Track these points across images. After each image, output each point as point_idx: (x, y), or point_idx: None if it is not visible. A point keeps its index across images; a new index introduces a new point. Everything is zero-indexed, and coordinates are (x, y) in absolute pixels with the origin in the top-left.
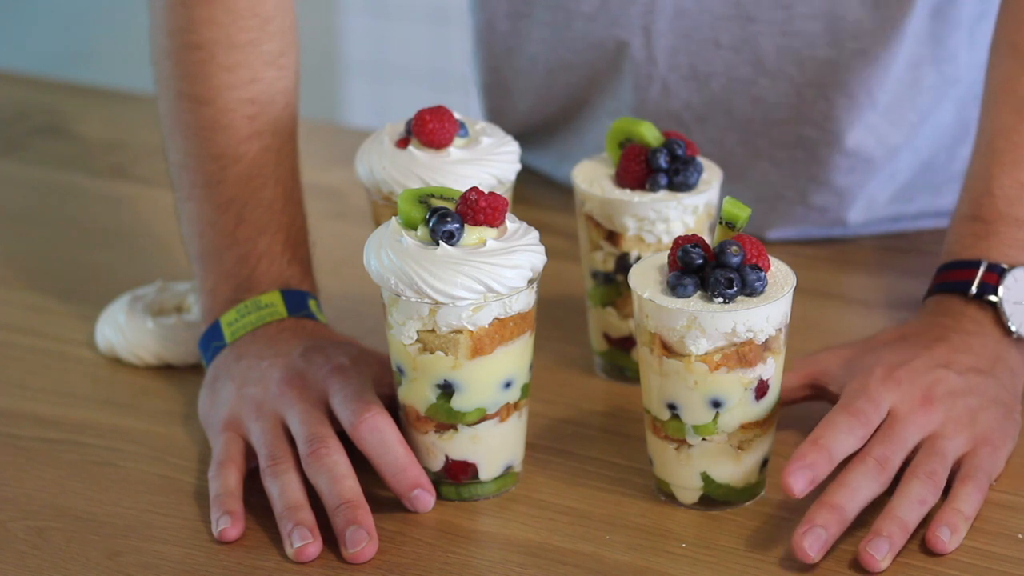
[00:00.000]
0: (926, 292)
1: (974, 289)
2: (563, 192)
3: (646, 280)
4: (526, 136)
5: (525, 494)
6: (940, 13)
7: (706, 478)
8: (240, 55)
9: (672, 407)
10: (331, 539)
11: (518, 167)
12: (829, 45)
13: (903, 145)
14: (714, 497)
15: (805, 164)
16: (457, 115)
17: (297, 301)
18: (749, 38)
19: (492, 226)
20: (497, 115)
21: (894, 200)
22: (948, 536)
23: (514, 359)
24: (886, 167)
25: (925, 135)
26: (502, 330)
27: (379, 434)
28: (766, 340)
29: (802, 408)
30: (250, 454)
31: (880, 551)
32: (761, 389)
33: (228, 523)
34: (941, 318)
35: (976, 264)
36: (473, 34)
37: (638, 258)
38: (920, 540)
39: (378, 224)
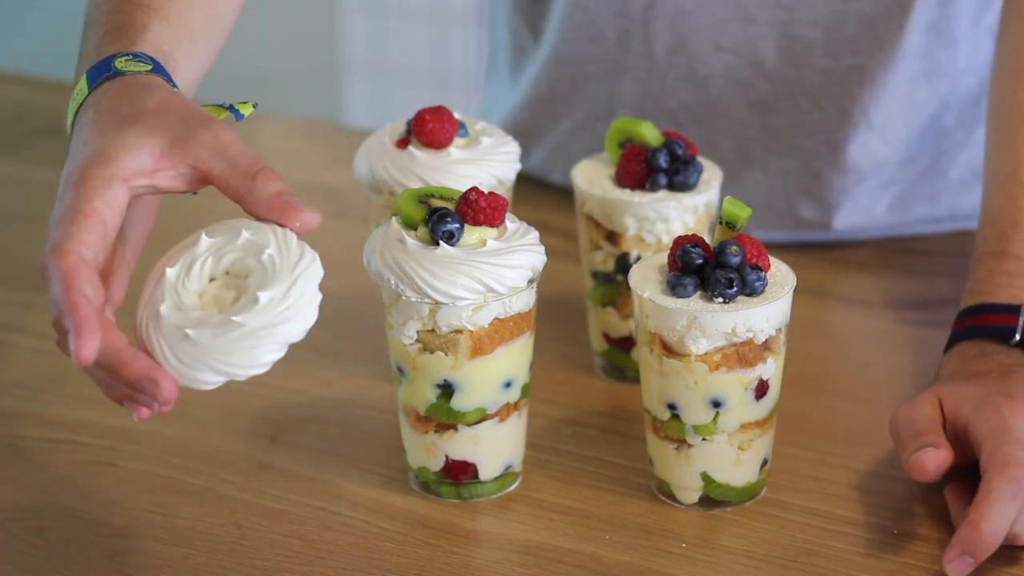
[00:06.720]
0: (954, 334)
1: (1018, 336)
2: (563, 192)
3: (646, 280)
4: (521, 133)
5: (525, 494)
6: (934, 29)
7: (706, 478)
8: None
9: (672, 407)
10: (319, 539)
11: (518, 167)
12: (827, 55)
13: (893, 158)
14: (714, 497)
15: (797, 175)
16: (457, 115)
17: (98, 71)
18: (749, 40)
19: (492, 226)
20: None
21: (891, 211)
22: None
23: (514, 359)
24: (875, 179)
25: (918, 146)
26: (502, 330)
27: (51, 285)
28: (766, 340)
29: (802, 408)
30: None
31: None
32: (761, 389)
33: None
34: (992, 358)
35: (1016, 309)
36: None
37: (638, 258)
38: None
39: (378, 224)
